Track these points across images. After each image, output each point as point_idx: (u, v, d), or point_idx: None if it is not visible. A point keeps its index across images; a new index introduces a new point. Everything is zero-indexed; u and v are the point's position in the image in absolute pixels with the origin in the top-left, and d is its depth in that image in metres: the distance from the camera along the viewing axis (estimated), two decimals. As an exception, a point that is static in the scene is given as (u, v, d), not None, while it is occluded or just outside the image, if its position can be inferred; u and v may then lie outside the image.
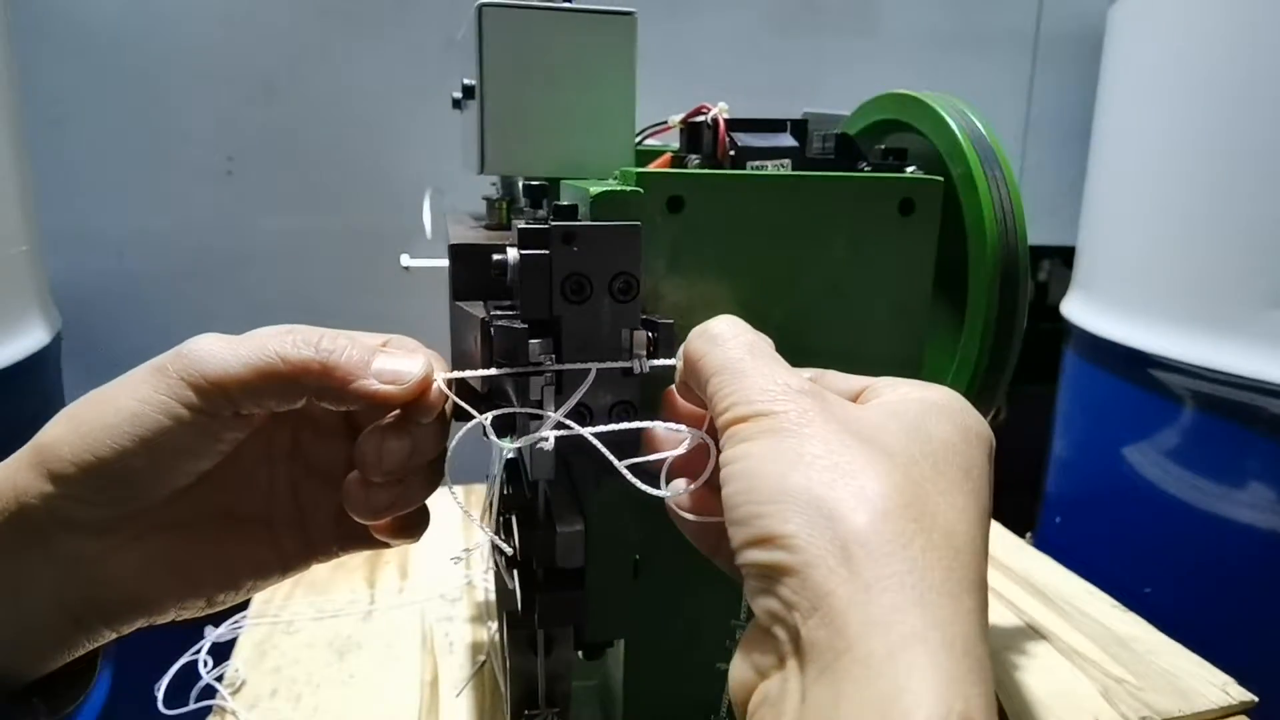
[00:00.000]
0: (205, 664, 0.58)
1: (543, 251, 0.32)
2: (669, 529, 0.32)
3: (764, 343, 0.30)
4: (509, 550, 0.37)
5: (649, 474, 0.31)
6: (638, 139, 0.49)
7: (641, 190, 0.36)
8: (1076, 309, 1.07)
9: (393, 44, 1.10)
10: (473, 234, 0.46)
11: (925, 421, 0.26)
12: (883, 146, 0.46)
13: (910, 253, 0.42)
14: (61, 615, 0.31)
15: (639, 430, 0.32)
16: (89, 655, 0.33)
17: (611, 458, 0.30)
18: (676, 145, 0.48)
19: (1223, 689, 0.59)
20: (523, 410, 0.32)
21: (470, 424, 0.32)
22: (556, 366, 0.32)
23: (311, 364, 0.30)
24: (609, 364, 0.33)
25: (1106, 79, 1.06)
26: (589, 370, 0.32)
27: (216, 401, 0.29)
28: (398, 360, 0.31)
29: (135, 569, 0.31)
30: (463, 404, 0.32)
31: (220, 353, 0.29)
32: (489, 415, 0.32)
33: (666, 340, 0.33)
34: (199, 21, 1.05)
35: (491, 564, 0.46)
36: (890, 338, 0.42)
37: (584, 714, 0.53)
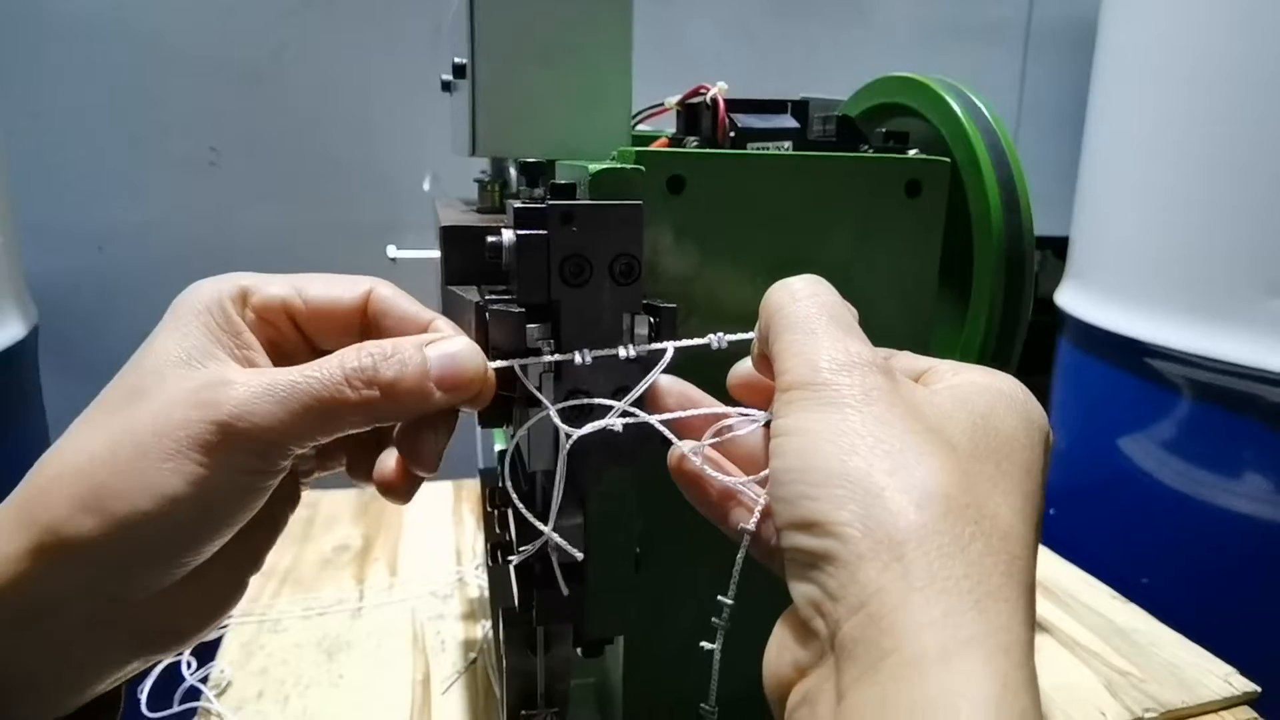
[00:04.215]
0: (189, 665, 0.56)
1: (540, 232, 0.30)
2: (671, 522, 0.31)
3: (846, 310, 0.28)
4: (578, 556, 0.34)
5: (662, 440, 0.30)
6: (632, 122, 0.48)
7: (642, 168, 0.35)
8: (1071, 299, 1.06)
9: (379, 32, 1.09)
10: (464, 217, 0.44)
11: (993, 413, 0.25)
12: (883, 130, 0.45)
13: (917, 236, 0.41)
14: (99, 661, 0.29)
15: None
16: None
17: (672, 437, 0.29)
18: (672, 130, 0.46)
19: (1225, 679, 0.58)
20: (599, 401, 0.31)
21: (540, 413, 0.30)
22: (680, 343, 0.31)
23: (373, 401, 0.27)
24: (687, 342, 0.31)
25: (1099, 67, 1.05)
26: (665, 350, 0.31)
27: (274, 459, 0.27)
28: (455, 361, 0.29)
29: (181, 609, 0.29)
30: (536, 392, 0.31)
31: (271, 411, 0.26)
32: (559, 405, 0.30)
33: (668, 325, 0.32)
34: (180, 10, 1.03)
35: (485, 560, 0.45)
36: (897, 322, 0.41)
37: (581, 713, 0.52)
